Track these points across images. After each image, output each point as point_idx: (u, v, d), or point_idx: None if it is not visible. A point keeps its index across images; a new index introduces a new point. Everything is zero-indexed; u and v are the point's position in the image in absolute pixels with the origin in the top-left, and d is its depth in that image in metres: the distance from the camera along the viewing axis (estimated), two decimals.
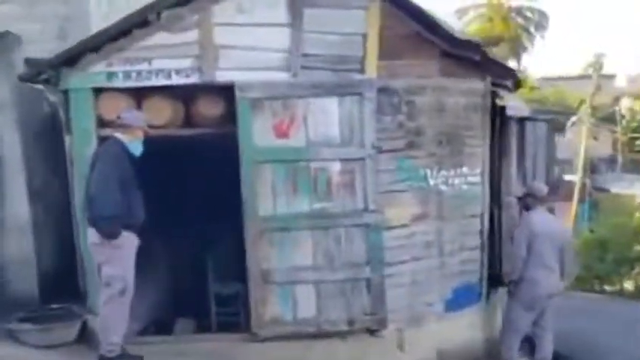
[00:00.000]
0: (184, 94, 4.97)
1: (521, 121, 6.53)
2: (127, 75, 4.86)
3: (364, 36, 4.98)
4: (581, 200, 20.08)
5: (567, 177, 18.02)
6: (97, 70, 4.91)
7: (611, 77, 29.05)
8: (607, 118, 25.09)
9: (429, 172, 5.44)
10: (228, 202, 5.06)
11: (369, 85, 4.91)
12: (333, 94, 4.87)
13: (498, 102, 5.79)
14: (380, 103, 5.14)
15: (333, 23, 4.96)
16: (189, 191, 6.71)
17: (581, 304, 8.19)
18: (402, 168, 5.30)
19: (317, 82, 4.87)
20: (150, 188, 4.70)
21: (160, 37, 4.88)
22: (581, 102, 22.36)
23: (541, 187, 5.88)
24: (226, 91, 4.91)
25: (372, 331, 5.12)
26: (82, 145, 4.87)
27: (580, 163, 20.28)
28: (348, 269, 5.00)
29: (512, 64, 24.08)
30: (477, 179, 5.79)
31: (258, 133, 4.84)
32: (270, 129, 4.86)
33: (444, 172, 5.55)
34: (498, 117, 5.87)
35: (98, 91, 4.93)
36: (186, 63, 4.86)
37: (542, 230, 5.51)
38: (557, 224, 6.02)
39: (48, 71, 4.90)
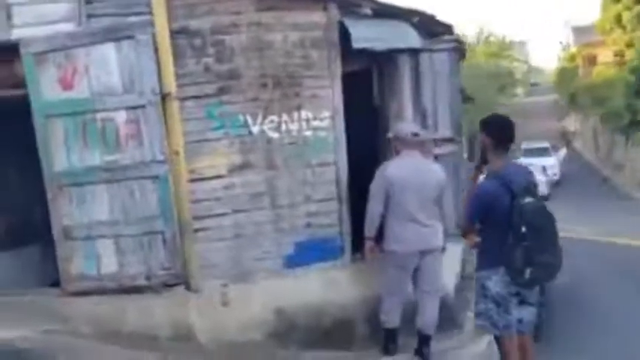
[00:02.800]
0: None
1: (415, 53, 5.71)
2: None
3: None
4: None
5: None
6: None
7: None
8: None
9: (250, 118, 5.01)
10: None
11: (142, 26, 4.61)
12: (108, 40, 4.64)
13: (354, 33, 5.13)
14: (179, 46, 4.81)
15: None
16: None
17: None
18: (214, 115, 4.93)
19: (95, 29, 4.68)
20: None
21: None
22: None
23: (404, 128, 5.10)
24: None
25: (169, 286, 4.87)
26: None
27: None
28: (144, 223, 4.80)
29: None
30: (325, 124, 5.22)
31: (45, 87, 4.77)
32: (56, 82, 4.77)
33: (273, 118, 5.06)
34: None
35: None
36: None
37: (403, 178, 4.78)
38: (427, 171, 5.16)
39: None
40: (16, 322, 4.90)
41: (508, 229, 3.62)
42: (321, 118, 5.19)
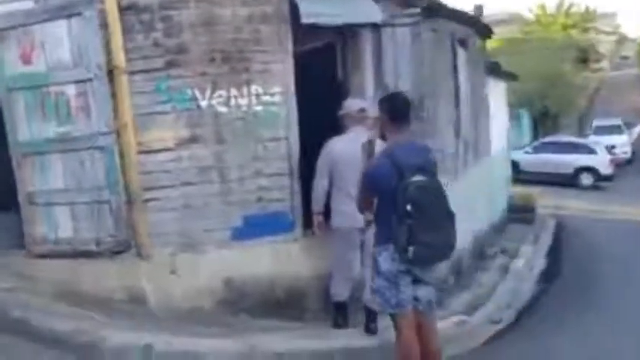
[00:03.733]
0: None
1: (378, 28, 5.59)
2: None
3: None
4: None
5: None
6: None
7: None
8: None
9: (198, 92, 5.11)
10: None
11: (88, 3, 4.79)
12: (60, 17, 4.87)
13: (303, 8, 5.10)
14: (127, 21, 4.97)
15: None
16: None
17: None
18: (161, 89, 5.07)
19: (48, 6, 4.92)
20: None
21: None
22: None
23: (351, 104, 5.06)
24: None
25: (116, 253, 5.11)
26: None
27: None
28: (93, 192, 5.04)
29: None
30: (277, 99, 5.25)
31: (7, 62, 5.09)
32: (17, 57, 5.07)
33: (221, 93, 5.15)
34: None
35: None
36: None
37: (346, 154, 4.79)
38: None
39: None
40: None
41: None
42: (271, 94, 5.22)
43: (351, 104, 5.04)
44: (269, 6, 5.12)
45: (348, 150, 4.73)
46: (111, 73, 4.89)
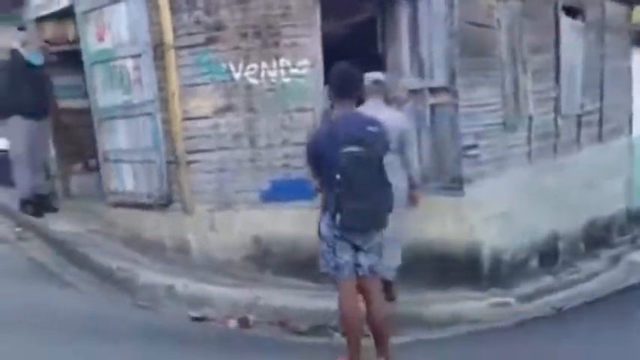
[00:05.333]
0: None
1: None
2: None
3: None
4: None
5: None
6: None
7: None
8: None
9: (232, 65, 5.59)
10: None
11: None
12: (119, 1, 5.68)
13: None
14: (175, 1, 5.60)
15: None
16: None
17: None
18: (202, 62, 5.64)
19: None
20: None
21: None
22: None
23: (367, 77, 5.12)
24: None
25: (161, 206, 5.83)
26: None
27: None
28: (145, 152, 5.85)
29: None
30: (304, 72, 5.54)
31: (90, 40, 6.07)
32: (95, 35, 6.02)
33: (253, 66, 5.57)
34: None
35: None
36: None
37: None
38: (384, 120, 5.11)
39: None
40: (77, 221, 6.53)
41: None
42: (299, 67, 5.52)
43: (367, 76, 5.13)
44: None
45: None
46: (158, 49, 5.60)
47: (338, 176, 3.67)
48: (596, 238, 8.88)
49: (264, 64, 5.56)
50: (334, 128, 3.79)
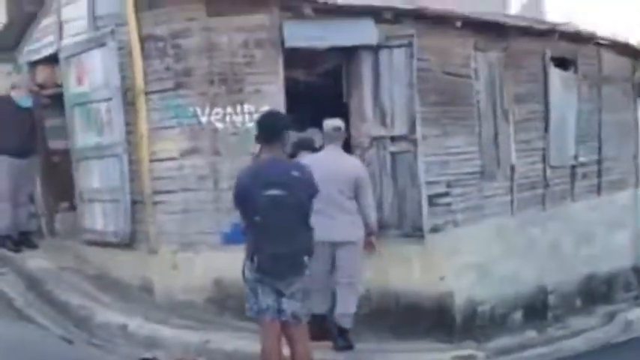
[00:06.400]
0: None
1: (376, 50, 5.62)
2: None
3: None
4: None
5: None
6: None
7: None
8: None
9: (199, 110, 5.74)
10: None
11: (111, 35, 5.74)
12: (96, 47, 5.94)
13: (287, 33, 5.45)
14: (147, 49, 5.82)
15: None
16: None
17: None
18: (170, 107, 5.81)
19: (90, 38, 6.04)
20: None
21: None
22: None
23: (328, 123, 5.20)
24: None
25: (127, 245, 5.93)
26: None
27: None
28: (112, 192, 6.00)
29: None
30: None
31: (72, 83, 6.34)
32: (75, 79, 6.29)
33: (218, 110, 5.71)
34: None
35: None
36: (50, 38, 6.72)
37: (317, 170, 5.05)
38: (342, 166, 5.12)
39: None
40: (53, 258, 6.68)
41: None
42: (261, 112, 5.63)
43: (327, 123, 5.21)
44: (262, 33, 5.57)
45: (321, 166, 4.92)
46: (129, 93, 5.81)
47: (257, 218, 3.71)
48: (596, 293, 8.60)
49: (229, 109, 5.71)
50: (259, 171, 3.84)
